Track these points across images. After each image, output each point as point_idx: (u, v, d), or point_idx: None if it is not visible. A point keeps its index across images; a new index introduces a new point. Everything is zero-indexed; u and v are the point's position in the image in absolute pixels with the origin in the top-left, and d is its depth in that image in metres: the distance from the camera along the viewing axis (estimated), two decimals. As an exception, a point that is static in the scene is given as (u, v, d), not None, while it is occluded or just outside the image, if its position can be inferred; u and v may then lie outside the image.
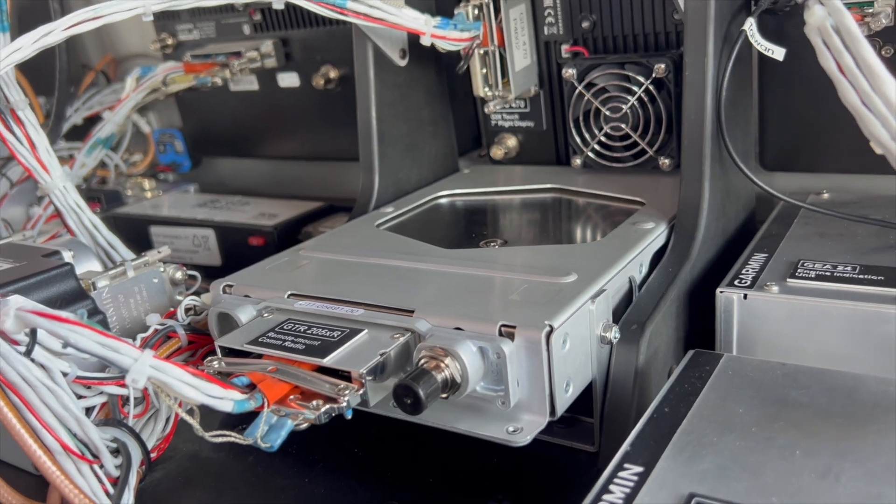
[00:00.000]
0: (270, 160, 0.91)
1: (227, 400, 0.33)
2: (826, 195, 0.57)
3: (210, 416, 0.46)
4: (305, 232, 0.70)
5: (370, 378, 0.37)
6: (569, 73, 0.60)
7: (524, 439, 0.36)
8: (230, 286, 0.46)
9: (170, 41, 0.84)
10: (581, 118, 0.61)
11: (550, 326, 0.36)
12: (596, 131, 0.61)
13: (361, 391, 0.36)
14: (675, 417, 0.34)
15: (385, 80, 0.61)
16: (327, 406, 0.36)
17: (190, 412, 0.34)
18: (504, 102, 0.61)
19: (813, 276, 0.43)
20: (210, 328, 0.45)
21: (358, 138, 0.62)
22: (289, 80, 0.79)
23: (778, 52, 0.47)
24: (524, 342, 0.36)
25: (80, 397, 0.40)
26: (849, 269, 0.43)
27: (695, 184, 0.48)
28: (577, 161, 0.62)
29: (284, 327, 0.41)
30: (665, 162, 0.59)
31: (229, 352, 0.41)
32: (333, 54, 0.76)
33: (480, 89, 0.60)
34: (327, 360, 0.37)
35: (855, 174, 0.59)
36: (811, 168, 0.60)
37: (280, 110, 0.82)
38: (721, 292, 0.43)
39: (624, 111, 0.58)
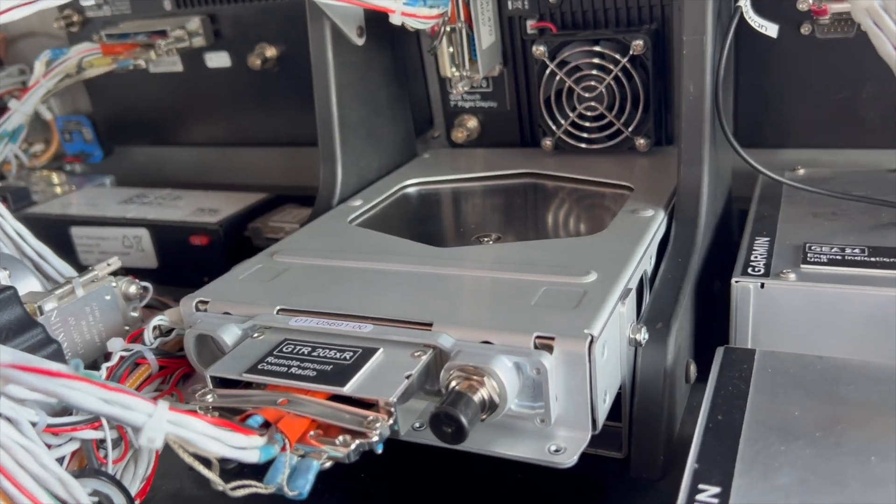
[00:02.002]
0: (196, 147, 0.83)
1: (252, 449, 0.29)
2: (801, 171, 0.56)
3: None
4: (254, 228, 0.65)
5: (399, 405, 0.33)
6: (539, 50, 0.57)
7: (570, 460, 0.33)
8: (204, 302, 0.41)
9: (75, 18, 0.76)
10: (553, 98, 0.58)
11: (591, 336, 0.34)
12: (568, 111, 0.58)
13: (391, 421, 0.33)
14: (732, 426, 0.32)
15: (343, 61, 0.56)
16: (357, 442, 0.32)
17: (206, 463, 0.29)
18: (471, 83, 0.58)
19: (825, 260, 0.42)
20: (188, 353, 0.40)
21: (303, 123, 0.58)
22: (218, 59, 0.73)
23: (771, 29, 0.46)
24: (563, 354, 0.33)
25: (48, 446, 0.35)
26: (857, 251, 0.43)
27: (694, 168, 0.46)
28: (548, 143, 0.60)
29: (283, 350, 0.37)
30: (641, 142, 0.57)
31: (219, 382, 0.36)
32: (268, 31, 0.70)
33: (447, 69, 0.57)
34: (348, 389, 0.33)
35: (822, 148, 0.60)
36: (781, 144, 0.60)
37: (208, 93, 0.76)
38: (737, 282, 0.42)
39: (599, 90, 0.56)
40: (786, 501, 0.28)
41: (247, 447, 0.28)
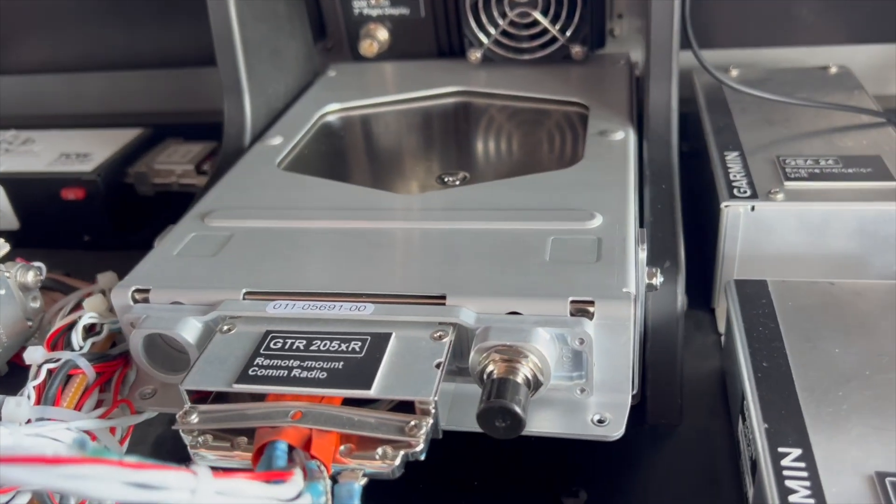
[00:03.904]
0: (26, 75, 0.69)
1: (304, 495, 0.24)
2: (735, 72, 0.55)
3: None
4: (137, 173, 0.55)
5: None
6: (465, -50, 0.50)
7: (618, 431, 0.31)
8: (143, 291, 0.34)
9: None
10: (480, 4, 0.52)
11: (631, 294, 0.30)
12: (499, 19, 0.53)
13: (431, 420, 0.28)
14: (781, 374, 0.31)
15: (238, -31, 0.47)
16: (402, 453, 0.27)
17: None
18: (389, -10, 0.51)
19: (805, 174, 0.41)
20: (137, 359, 0.33)
21: (168, 39, 0.49)
22: (54, -34, 0.59)
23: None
24: (604, 319, 0.30)
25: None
26: (831, 162, 0.42)
27: (664, 83, 0.43)
28: (476, 54, 0.54)
29: (272, 347, 0.31)
30: (577, 50, 0.53)
31: (196, 394, 0.30)
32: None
33: (364, -24, 0.49)
34: (375, 390, 0.28)
35: (743, 48, 0.59)
36: (708, 44, 0.58)
37: (39, 8, 0.62)
38: (727, 206, 0.40)
39: (533, -6, 0.51)
40: (870, 455, 0.27)
41: (299, 495, 0.23)
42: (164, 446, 0.38)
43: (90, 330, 0.36)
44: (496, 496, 0.34)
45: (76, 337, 0.34)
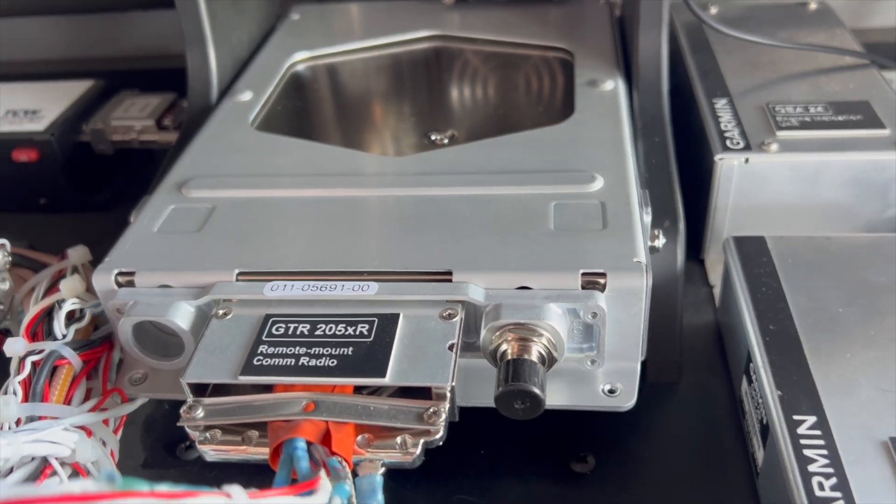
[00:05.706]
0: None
1: (335, 498, 0.23)
2: (713, 9, 0.54)
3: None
4: (94, 131, 0.52)
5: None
6: None
7: (630, 401, 0.31)
8: (128, 274, 0.32)
9: None
10: (454, -59, 0.49)
11: (643, 265, 0.30)
12: (473, -43, 0.50)
13: (449, 405, 0.28)
14: (787, 335, 0.31)
15: None
16: (422, 441, 0.27)
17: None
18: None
19: (796, 123, 0.41)
20: (128, 347, 0.32)
21: None
22: None
23: None
24: (617, 291, 0.30)
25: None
26: (821, 109, 0.42)
27: (654, 31, 0.42)
28: (450, -5, 0.52)
29: (274, 333, 0.29)
30: (556, -12, 0.51)
31: (197, 388, 0.29)
32: None
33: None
34: (390, 377, 0.27)
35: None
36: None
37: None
38: (721, 159, 0.39)
39: (509, -70, 0.48)
40: (880, 419, 0.28)
41: (329, 502, 0.23)
42: (155, 427, 0.37)
43: (70, 315, 0.34)
44: (503, 464, 0.34)
45: (59, 325, 0.32)
